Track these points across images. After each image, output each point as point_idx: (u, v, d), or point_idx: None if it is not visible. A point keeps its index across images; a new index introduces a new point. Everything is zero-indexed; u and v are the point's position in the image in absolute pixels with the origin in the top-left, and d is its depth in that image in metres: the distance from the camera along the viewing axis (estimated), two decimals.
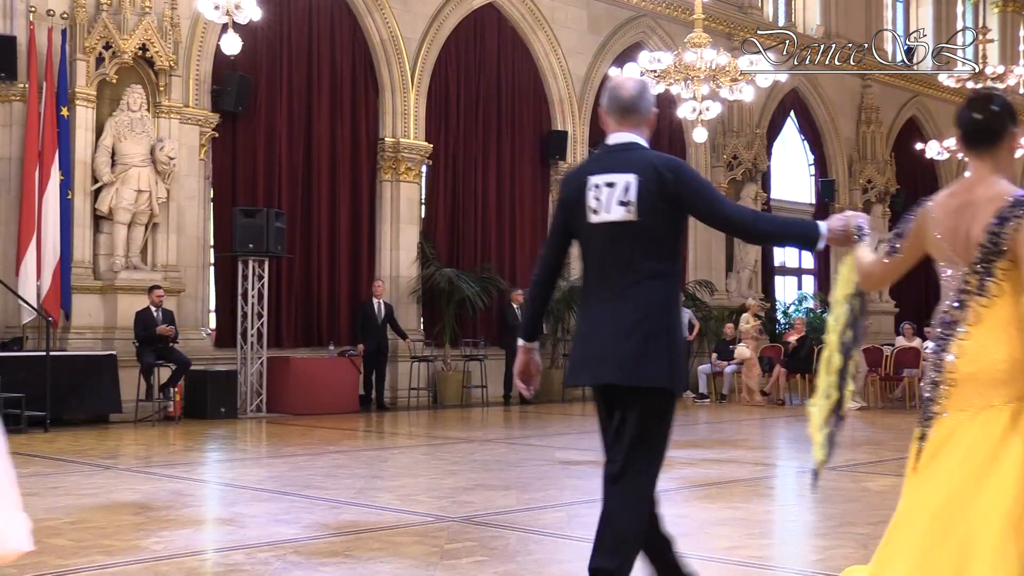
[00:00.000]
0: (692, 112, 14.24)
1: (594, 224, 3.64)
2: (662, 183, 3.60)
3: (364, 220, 16.04)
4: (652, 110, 3.86)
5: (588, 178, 3.68)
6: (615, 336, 3.60)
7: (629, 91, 3.82)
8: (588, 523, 6.32)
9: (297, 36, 15.41)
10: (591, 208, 3.64)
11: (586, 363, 3.69)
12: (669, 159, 3.73)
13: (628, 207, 3.59)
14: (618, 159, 3.68)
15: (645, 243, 3.61)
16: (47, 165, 12.71)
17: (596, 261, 3.69)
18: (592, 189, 3.65)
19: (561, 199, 3.81)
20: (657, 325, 3.60)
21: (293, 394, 14.04)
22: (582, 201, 3.67)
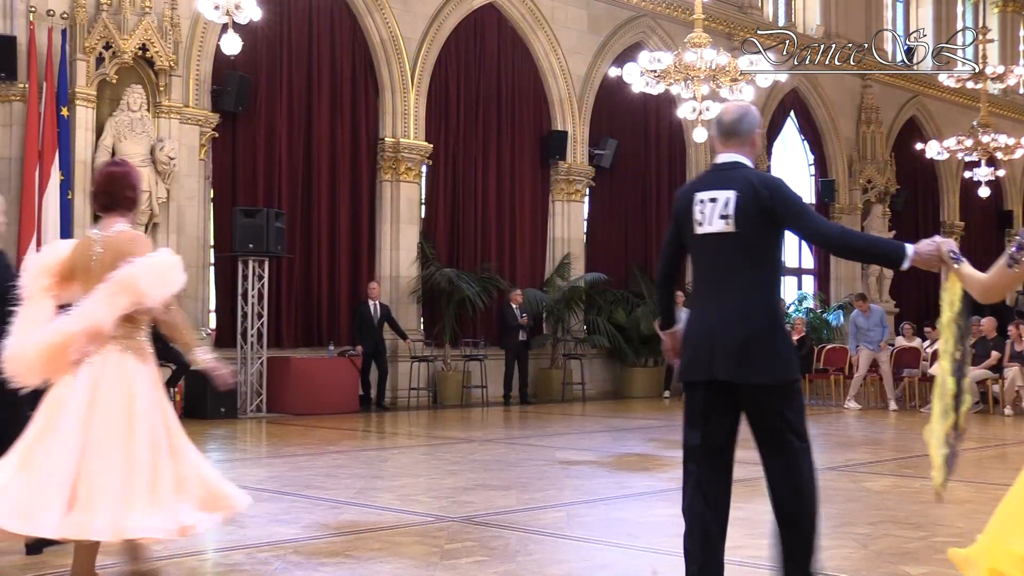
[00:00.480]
0: (692, 112, 14.22)
1: (700, 235, 4.10)
2: (758, 199, 4.00)
3: (364, 220, 16.03)
4: (754, 131, 4.23)
5: (695, 194, 4.13)
6: (721, 336, 3.99)
7: (731, 115, 4.22)
8: (588, 523, 6.33)
9: (297, 36, 15.40)
10: (697, 221, 4.09)
11: (698, 361, 4.07)
12: (767, 177, 4.17)
13: (727, 220, 4.01)
14: (721, 177, 4.11)
15: (744, 252, 4.02)
16: (47, 165, 12.71)
17: (702, 268, 4.16)
18: (698, 204, 4.09)
19: (674, 211, 4.26)
20: (758, 326, 3.99)
21: (293, 394, 14.04)
22: (690, 214, 4.12)
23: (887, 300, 23.66)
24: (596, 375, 18.22)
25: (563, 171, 18.16)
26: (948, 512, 6.59)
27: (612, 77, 15.99)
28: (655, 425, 13.24)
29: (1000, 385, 14.78)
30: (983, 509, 6.56)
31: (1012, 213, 27.86)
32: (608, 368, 18.57)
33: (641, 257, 19.48)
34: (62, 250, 4.67)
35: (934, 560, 5.14)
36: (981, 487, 7.58)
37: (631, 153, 19.25)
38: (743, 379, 3.97)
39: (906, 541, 5.60)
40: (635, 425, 13.27)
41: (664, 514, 6.70)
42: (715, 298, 4.08)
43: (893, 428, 13.06)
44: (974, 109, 22.44)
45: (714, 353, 4.00)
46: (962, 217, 26.44)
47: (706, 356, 4.03)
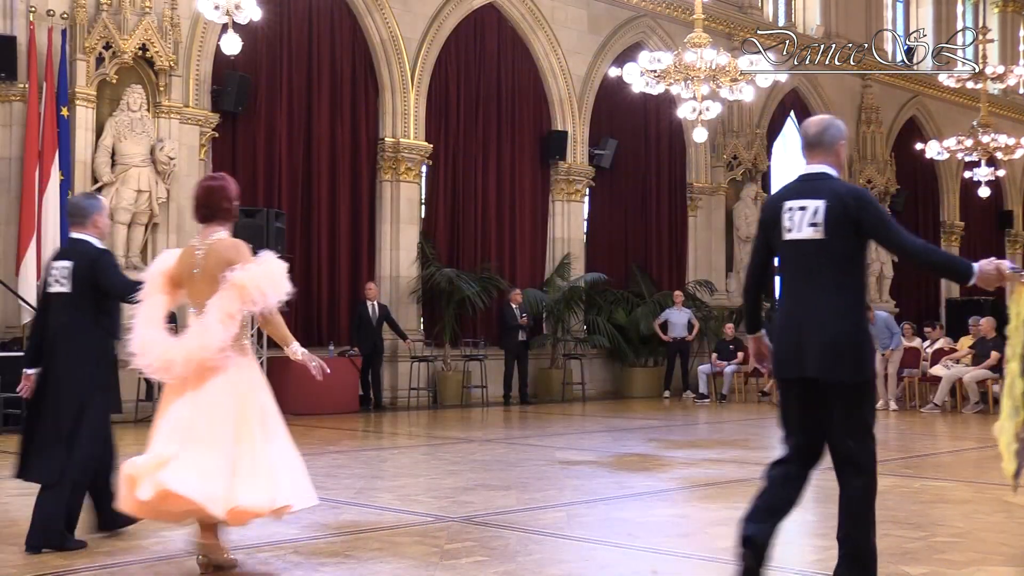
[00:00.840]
0: (692, 112, 14.21)
1: (789, 241, 4.34)
2: (845, 208, 4.25)
3: (364, 220, 16.03)
4: (838, 142, 4.53)
5: (784, 203, 4.38)
6: (810, 336, 4.26)
7: (815, 128, 4.56)
8: (588, 523, 6.33)
9: (297, 36, 15.41)
10: (786, 228, 4.34)
11: (787, 359, 4.36)
12: (853, 188, 4.43)
13: (817, 227, 4.27)
14: (809, 187, 4.38)
15: (831, 257, 4.27)
16: (47, 165, 12.71)
17: (791, 271, 4.40)
18: (787, 212, 4.35)
19: (761, 220, 4.53)
20: (844, 326, 4.25)
21: (293, 394, 14.00)
22: (778, 222, 4.37)
23: (887, 300, 23.66)
24: (596, 375, 18.23)
25: (563, 171, 18.16)
26: (948, 512, 6.59)
27: (612, 77, 15.98)
28: (655, 425, 13.25)
29: (1000, 385, 14.77)
30: (983, 509, 6.57)
31: (1012, 213, 27.87)
32: (608, 368, 18.57)
33: (641, 257, 19.48)
34: (171, 258, 5.19)
35: (934, 560, 5.14)
36: (981, 487, 7.58)
37: (631, 153, 19.25)
38: (829, 375, 4.23)
39: (906, 541, 5.60)
40: (635, 425, 13.27)
41: (664, 514, 6.70)
42: (803, 300, 4.34)
43: (893, 428, 13.06)
44: (974, 109, 22.44)
45: (803, 351, 4.27)
46: (962, 217, 26.44)
47: (796, 354, 4.30)
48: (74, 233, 5.72)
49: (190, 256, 5.01)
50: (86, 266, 5.52)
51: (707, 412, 15.48)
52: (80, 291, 5.51)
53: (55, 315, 5.58)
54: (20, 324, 12.77)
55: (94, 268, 5.52)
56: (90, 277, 5.51)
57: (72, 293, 5.51)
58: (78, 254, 5.58)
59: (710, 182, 20.49)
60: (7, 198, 13.03)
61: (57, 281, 5.56)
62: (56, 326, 5.55)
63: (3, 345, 12.52)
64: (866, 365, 4.30)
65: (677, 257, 20.14)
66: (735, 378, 17.63)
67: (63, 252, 5.73)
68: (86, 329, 5.54)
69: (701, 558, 5.37)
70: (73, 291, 5.51)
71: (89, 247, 5.60)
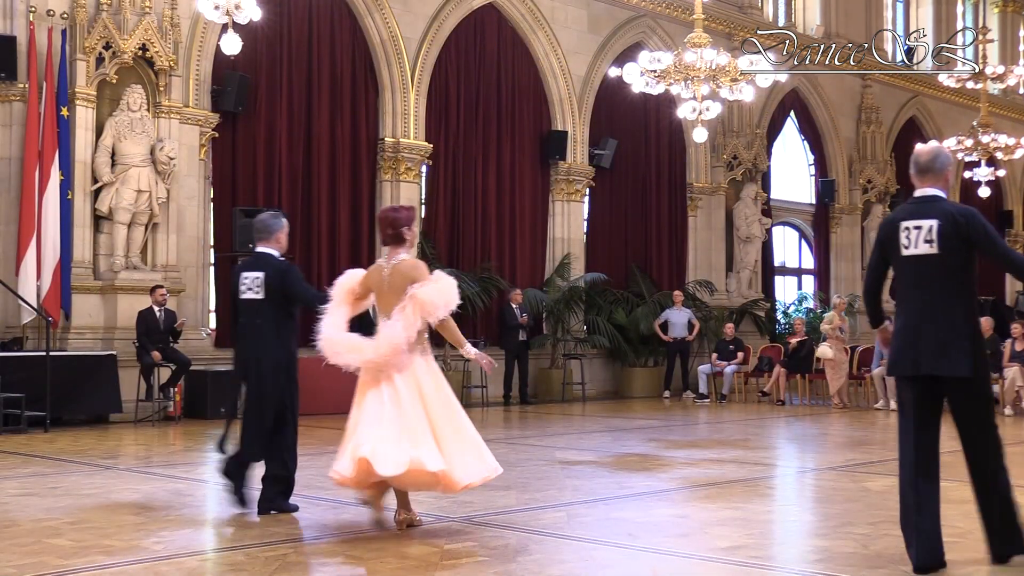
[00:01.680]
0: (692, 112, 14.20)
1: (906, 256, 4.98)
2: (956, 226, 4.88)
3: (364, 220, 16.03)
4: (946, 169, 5.09)
5: (901, 223, 5.01)
6: (926, 338, 4.88)
7: (926, 156, 5.10)
8: (588, 523, 6.33)
9: (297, 36, 15.41)
10: (903, 244, 4.97)
11: (905, 359, 4.97)
12: (963, 208, 5.01)
13: (931, 244, 4.89)
14: (923, 208, 4.98)
15: (944, 269, 4.89)
16: (47, 165, 12.71)
17: (908, 282, 5.01)
18: (904, 231, 4.98)
19: (879, 239, 5.16)
20: (957, 329, 4.86)
21: None
22: (896, 239, 5.00)
23: (887, 300, 23.62)
24: (596, 375, 18.22)
25: (563, 171, 18.16)
26: (948, 512, 6.58)
27: (612, 77, 15.98)
28: (655, 425, 13.25)
29: (1000, 385, 14.78)
30: None
31: (1012, 213, 27.88)
32: (608, 368, 18.57)
33: (641, 257, 19.48)
34: (358, 274, 6.25)
35: None
36: None
37: (631, 153, 19.25)
38: (945, 372, 4.85)
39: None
40: (635, 425, 13.27)
41: (664, 514, 6.70)
42: (920, 307, 4.94)
43: (893, 428, 13.06)
44: (974, 109, 22.45)
45: (919, 352, 4.90)
46: None
47: (912, 355, 4.93)
48: (259, 247, 6.67)
49: (378, 274, 6.06)
50: (276, 276, 6.51)
51: (707, 412, 15.48)
52: (271, 298, 6.51)
53: (249, 318, 6.61)
54: (20, 324, 12.77)
55: (284, 279, 6.52)
56: (280, 286, 6.50)
57: (264, 299, 6.52)
58: (268, 266, 6.56)
59: (710, 182, 20.49)
60: (7, 198, 13.03)
61: (250, 288, 6.56)
62: (251, 329, 6.58)
63: (3, 345, 12.52)
64: (978, 362, 4.89)
65: (677, 257, 20.14)
66: (735, 378, 17.63)
67: (253, 263, 6.65)
68: (276, 330, 6.53)
69: (701, 558, 5.37)
70: (265, 297, 6.51)
71: (276, 260, 6.60)
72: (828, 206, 23.19)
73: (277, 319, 6.54)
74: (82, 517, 6.35)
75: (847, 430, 12.83)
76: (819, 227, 23.40)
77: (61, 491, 7.42)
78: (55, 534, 5.79)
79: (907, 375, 4.98)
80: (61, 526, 6.03)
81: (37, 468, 8.74)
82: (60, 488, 7.57)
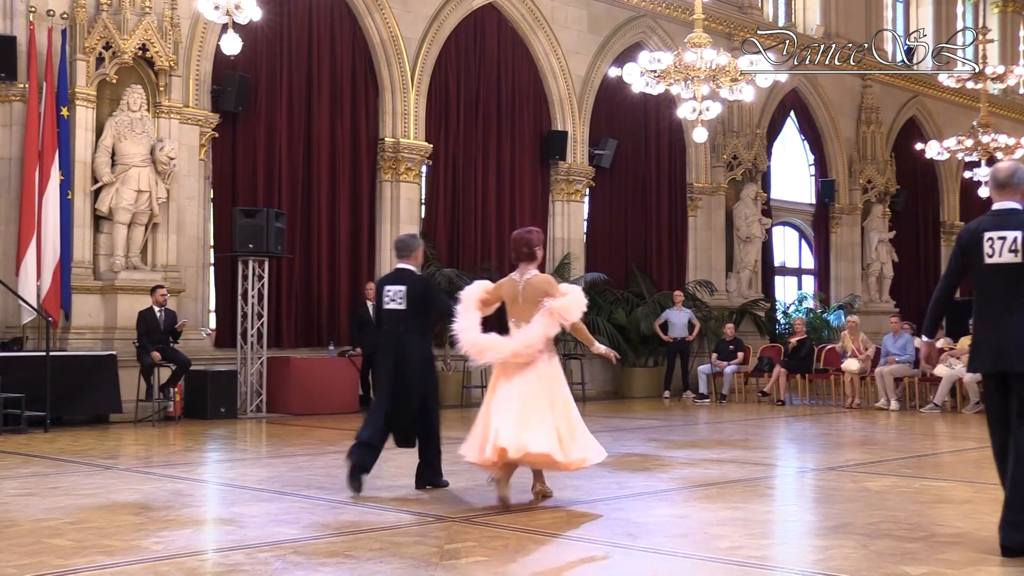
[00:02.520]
0: (692, 112, 14.19)
1: (988, 264, 5.39)
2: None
3: (364, 220, 16.04)
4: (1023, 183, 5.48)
5: (984, 233, 5.40)
6: (1008, 339, 5.30)
7: (1004, 173, 5.50)
8: (588, 523, 6.33)
9: (297, 36, 15.41)
10: (987, 253, 5.38)
11: (989, 357, 5.40)
12: None
13: (1016, 253, 5.31)
14: (1005, 220, 5.39)
15: None
16: (47, 165, 12.71)
17: (991, 289, 5.42)
18: (987, 241, 5.38)
19: (960, 246, 5.54)
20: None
21: (293, 394, 14.04)
22: (979, 248, 5.40)
23: (887, 300, 23.67)
24: (596, 375, 18.22)
25: (563, 171, 18.16)
26: (948, 512, 6.59)
27: (612, 77, 15.97)
28: (655, 425, 13.24)
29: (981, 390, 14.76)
30: (983, 509, 6.56)
31: None
32: (608, 368, 18.55)
33: (641, 257, 19.48)
34: (485, 284, 7.15)
35: (934, 560, 5.14)
36: (981, 487, 7.58)
37: (631, 153, 19.25)
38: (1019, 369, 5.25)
39: (906, 541, 5.60)
40: (635, 425, 13.27)
41: (664, 514, 6.70)
42: (1002, 311, 5.35)
43: (893, 428, 13.06)
44: (974, 109, 22.44)
45: (1002, 351, 5.31)
46: (962, 217, 26.43)
47: (994, 354, 5.35)
48: (400, 263, 7.60)
49: (512, 286, 7.03)
50: (419, 289, 7.46)
51: (707, 412, 15.48)
52: (413, 308, 7.42)
53: (392, 326, 7.47)
54: (20, 324, 12.77)
55: (426, 291, 7.55)
56: (422, 297, 7.45)
57: (406, 310, 7.41)
58: (409, 280, 7.48)
59: (710, 182, 20.49)
60: (7, 198, 13.03)
61: (392, 300, 7.45)
62: (395, 335, 7.46)
63: (3, 345, 12.52)
64: None
65: (677, 257, 20.14)
66: (735, 378, 17.63)
67: (394, 278, 7.55)
68: (418, 336, 7.49)
69: (701, 558, 5.37)
70: (407, 308, 7.42)
71: (416, 275, 7.57)
72: (828, 206, 23.19)
73: (417, 325, 7.49)
74: (82, 517, 6.35)
75: (847, 430, 12.82)
76: (819, 227, 23.40)
77: (61, 491, 7.42)
78: (55, 534, 5.79)
79: (990, 372, 5.44)
80: (61, 526, 6.03)
81: (37, 468, 8.73)
82: (60, 488, 7.57)
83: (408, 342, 7.45)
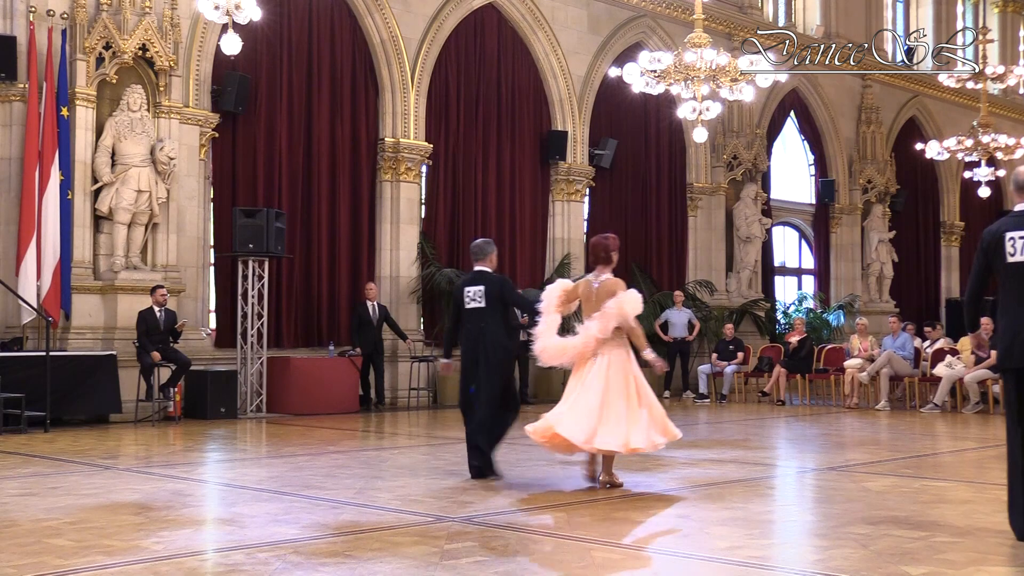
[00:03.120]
0: (692, 112, 14.19)
1: (1011, 263, 5.65)
2: None
3: (364, 220, 16.04)
4: None
5: (1005, 233, 5.68)
6: None
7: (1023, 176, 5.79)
8: (588, 523, 6.33)
9: (297, 36, 15.41)
10: (1009, 252, 5.65)
11: (1011, 354, 5.63)
12: None
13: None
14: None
15: None
16: (47, 165, 12.71)
17: (1012, 287, 5.67)
18: (1009, 240, 5.65)
19: (983, 247, 5.79)
20: None
21: (293, 394, 14.04)
22: (1001, 248, 5.67)
23: (887, 300, 23.67)
24: None
25: (563, 171, 18.16)
26: (948, 512, 6.59)
27: (612, 77, 15.97)
28: None
29: (1000, 385, 14.78)
30: (983, 509, 6.56)
31: None
32: None
33: (641, 257, 19.48)
34: (564, 283, 8.08)
35: (934, 560, 5.14)
36: (981, 487, 7.58)
37: (631, 153, 19.25)
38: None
39: (906, 541, 5.60)
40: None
41: (664, 514, 6.70)
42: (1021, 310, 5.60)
43: (893, 428, 13.06)
44: (974, 109, 22.45)
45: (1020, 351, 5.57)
46: (962, 217, 26.46)
47: (1018, 350, 5.58)
48: (477, 266, 8.35)
49: (588, 287, 7.84)
50: (496, 288, 8.20)
51: (707, 412, 15.48)
52: (492, 306, 8.15)
53: (474, 323, 8.18)
54: (20, 324, 12.77)
55: (503, 290, 8.25)
56: (499, 296, 8.19)
57: (486, 308, 8.14)
58: (487, 281, 8.23)
59: (710, 182, 20.49)
60: (7, 198, 13.03)
61: (473, 300, 8.18)
62: (476, 331, 8.16)
63: (3, 345, 12.52)
64: None
65: (677, 257, 20.14)
66: (735, 378, 17.63)
67: (473, 280, 8.29)
68: (498, 331, 8.18)
69: (701, 558, 5.37)
70: (487, 306, 8.14)
71: (492, 275, 8.32)
72: (828, 206, 23.19)
73: (497, 321, 8.20)
74: (82, 517, 6.35)
75: (847, 430, 12.82)
76: (819, 227, 23.40)
77: (61, 491, 7.42)
78: (55, 534, 5.79)
79: (1011, 367, 5.67)
80: (61, 526, 6.03)
81: (37, 468, 8.73)
82: (60, 488, 7.57)
83: (490, 337, 8.12)
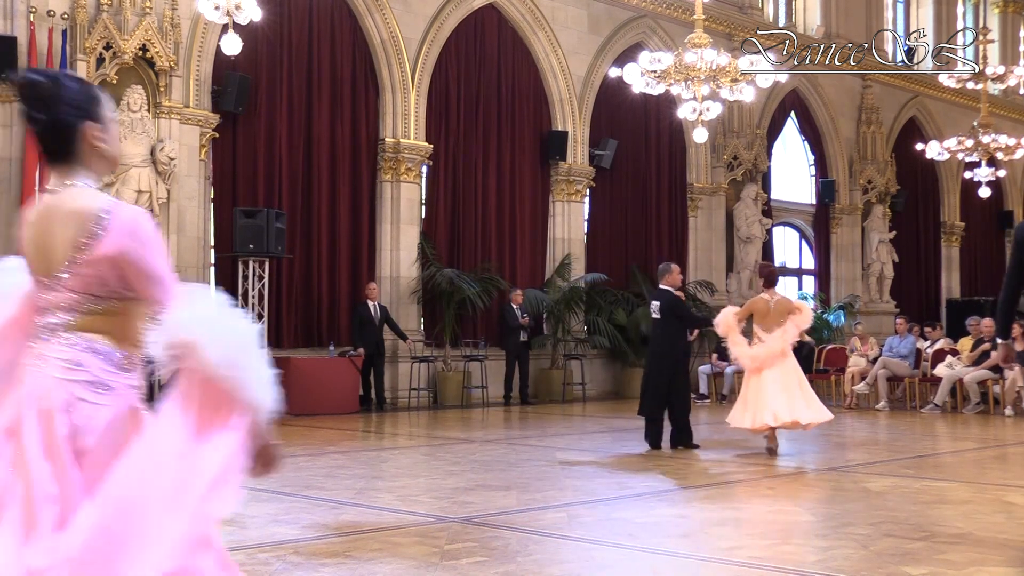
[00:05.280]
0: (692, 112, 14.19)
1: None
2: None
3: (364, 220, 16.03)
4: None
5: None
6: None
7: None
8: (588, 523, 6.33)
9: (297, 36, 15.41)
10: None
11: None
12: None
13: None
14: None
15: None
16: (47, 166, 12.69)
17: None
18: None
19: (1017, 242, 5.76)
20: None
21: (293, 394, 14.02)
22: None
23: (887, 300, 23.66)
24: (596, 375, 18.22)
25: (563, 171, 18.16)
26: (948, 512, 6.59)
27: (612, 77, 15.98)
28: None
29: (1000, 386, 14.78)
30: (983, 509, 6.56)
31: (1012, 213, 27.86)
32: (608, 368, 18.58)
33: (641, 257, 19.48)
34: (736, 309, 10.49)
35: (934, 560, 5.14)
36: (981, 487, 7.58)
37: (631, 153, 19.25)
38: None
39: (906, 541, 5.60)
40: (635, 425, 13.23)
41: (664, 514, 6.70)
42: None
43: (893, 428, 13.06)
44: (974, 109, 22.43)
45: None
46: (962, 217, 26.45)
47: None
48: (661, 284, 10.56)
49: (764, 304, 10.15)
50: (668, 304, 10.34)
51: (707, 412, 15.48)
52: (666, 318, 10.31)
53: (654, 331, 10.60)
54: None
55: (672, 306, 10.36)
56: (669, 310, 10.32)
57: (660, 318, 10.35)
58: (662, 297, 10.41)
59: (710, 182, 20.49)
60: (7, 198, 13.02)
61: (654, 312, 10.43)
62: (655, 337, 10.56)
63: None
64: None
65: (677, 257, 20.08)
66: (735, 378, 17.61)
67: (655, 296, 10.59)
68: (670, 340, 10.34)
69: (701, 558, 5.37)
70: (661, 317, 10.34)
71: (666, 293, 10.44)
72: (828, 206, 23.18)
73: (668, 330, 10.31)
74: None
75: (847, 430, 12.82)
76: (819, 227, 23.39)
77: None
78: None
79: None
80: None
81: None
82: None
83: (662, 342, 10.33)
